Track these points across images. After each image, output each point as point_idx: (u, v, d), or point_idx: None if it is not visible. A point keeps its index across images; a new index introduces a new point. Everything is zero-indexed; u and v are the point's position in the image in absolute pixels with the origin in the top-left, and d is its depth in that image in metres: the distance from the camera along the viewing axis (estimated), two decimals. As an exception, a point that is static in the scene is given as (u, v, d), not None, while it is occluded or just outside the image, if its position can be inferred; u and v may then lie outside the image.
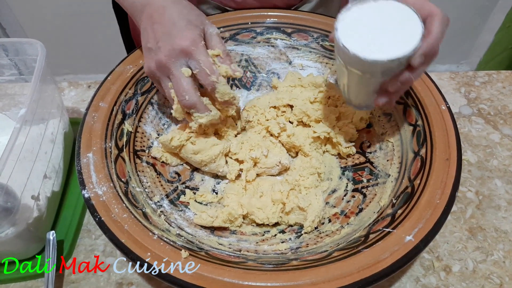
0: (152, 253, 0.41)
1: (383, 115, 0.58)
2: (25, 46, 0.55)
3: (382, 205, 0.48)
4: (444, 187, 0.45)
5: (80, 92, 0.73)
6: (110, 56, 1.37)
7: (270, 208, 0.50)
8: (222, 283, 0.39)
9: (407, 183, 0.48)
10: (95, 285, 0.51)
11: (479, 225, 0.56)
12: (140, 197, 0.48)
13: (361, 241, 0.43)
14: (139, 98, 0.58)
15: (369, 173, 0.55)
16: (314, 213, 0.49)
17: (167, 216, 0.49)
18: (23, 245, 0.49)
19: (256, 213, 0.50)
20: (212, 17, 0.67)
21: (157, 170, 0.55)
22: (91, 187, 0.45)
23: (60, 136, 0.57)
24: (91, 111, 0.52)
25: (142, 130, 0.57)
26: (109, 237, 0.42)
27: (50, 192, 0.53)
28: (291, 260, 0.42)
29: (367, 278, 0.38)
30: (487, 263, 0.52)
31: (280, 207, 0.51)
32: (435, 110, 0.52)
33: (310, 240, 0.48)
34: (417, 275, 0.51)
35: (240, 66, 0.67)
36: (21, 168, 0.46)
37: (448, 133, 0.50)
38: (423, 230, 0.42)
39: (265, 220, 0.50)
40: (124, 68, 0.58)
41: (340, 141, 0.56)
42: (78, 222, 0.55)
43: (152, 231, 0.43)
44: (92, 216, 0.43)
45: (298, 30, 0.66)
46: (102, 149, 0.49)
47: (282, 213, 0.51)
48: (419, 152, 0.50)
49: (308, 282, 0.39)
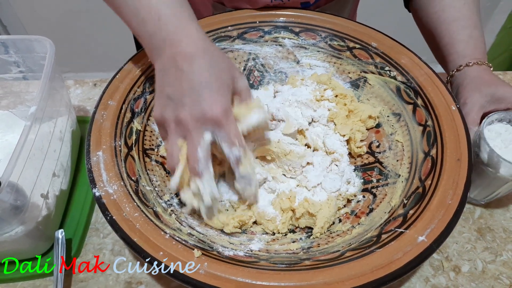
0: (164, 252, 0.40)
1: (392, 115, 0.58)
2: (34, 43, 0.54)
3: (393, 205, 0.48)
4: (456, 187, 0.45)
5: (86, 90, 0.73)
6: (113, 54, 1.36)
7: (280, 218, 0.50)
8: (235, 282, 0.39)
9: (418, 184, 0.48)
10: (103, 284, 0.50)
11: (488, 226, 0.56)
12: (150, 195, 0.48)
13: (373, 241, 0.43)
14: (147, 97, 0.57)
15: (378, 173, 0.55)
16: (323, 219, 0.49)
17: (178, 215, 0.48)
18: (32, 243, 0.49)
19: (265, 224, 0.50)
20: (219, 16, 0.67)
21: (166, 169, 0.55)
22: (101, 186, 0.45)
23: (68, 134, 0.57)
24: (100, 109, 0.52)
25: (151, 128, 0.57)
26: (121, 236, 0.41)
27: (58, 191, 0.53)
28: (304, 260, 0.42)
29: (381, 278, 0.38)
30: (496, 264, 0.52)
31: (290, 214, 0.50)
32: (445, 110, 0.52)
33: (321, 240, 0.48)
34: (427, 275, 0.51)
35: (247, 66, 0.67)
36: (31, 166, 0.46)
37: (459, 133, 0.50)
38: (436, 231, 0.41)
39: (275, 230, 0.50)
40: (132, 66, 0.57)
41: (357, 138, 0.56)
42: (86, 220, 0.55)
43: (163, 230, 0.43)
44: (103, 215, 0.43)
45: (306, 29, 0.66)
46: (111, 148, 0.49)
47: (292, 220, 0.51)
48: (429, 152, 0.50)
49: (322, 282, 0.38)
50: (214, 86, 0.42)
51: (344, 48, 0.64)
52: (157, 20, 0.44)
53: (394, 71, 0.59)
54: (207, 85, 0.42)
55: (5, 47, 0.56)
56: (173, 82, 0.43)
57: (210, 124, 0.42)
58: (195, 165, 0.43)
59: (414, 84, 0.57)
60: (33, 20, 1.65)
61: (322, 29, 0.65)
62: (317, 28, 0.66)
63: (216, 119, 0.42)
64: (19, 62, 0.58)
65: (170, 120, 0.44)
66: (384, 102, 0.60)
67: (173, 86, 0.43)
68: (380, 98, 0.60)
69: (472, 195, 0.57)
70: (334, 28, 0.65)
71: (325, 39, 0.65)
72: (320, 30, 0.66)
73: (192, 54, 0.43)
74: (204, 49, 0.44)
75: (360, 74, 0.63)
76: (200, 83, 0.42)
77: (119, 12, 0.48)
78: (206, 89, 0.42)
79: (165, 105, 0.44)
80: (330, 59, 0.65)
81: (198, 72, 0.42)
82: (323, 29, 0.65)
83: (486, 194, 0.55)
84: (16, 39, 0.55)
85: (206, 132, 0.43)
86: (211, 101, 0.42)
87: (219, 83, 0.43)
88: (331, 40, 0.65)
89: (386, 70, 0.60)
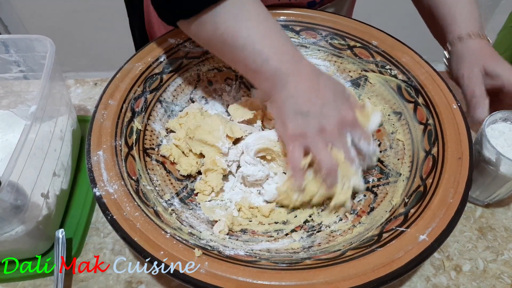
0: (165, 251, 0.40)
1: (393, 113, 0.58)
2: (34, 42, 0.54)
3: (394, 204, 0.48)
4: (457, 186, 0.45)
5: (87, 89, 0.73)
6: (113, 54, 1.36)
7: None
8: (236, 282, 0.38)
9: (419, 182, 0.48)
10: (104, 284, 0.50)
11: (489, 225, 0.56)
12: (151, 195, 0.48)
13: (374, 240, 0.42)
14: (147, 96, 0.57)
15: (379, 172, 0.55)
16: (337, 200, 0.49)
17: (178, 215, 0.48)
18: (32, 243, 0.49)
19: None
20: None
21: (166, 169, 0.55)
22: (102, 185, 0.45)
23: (68, 133, 0.57)
24: (101, 108, 0.52)
25: (151, 128, 0.57)
26: (121, 236, 0.41)
27: (59, 190, 0.53)
28: (305, 259, 0.42)
29: (382, 277, 0.38)
30: (498, 263, 0.52)
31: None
32: (446, 109, 0.52)
33: (322, 239, 0.48)
34: (428, 275, 0.51)
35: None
36: (31, 166, 0.46)
37: (460, 132, 0.49)
38: (437, 230, 0.41)
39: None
40: (132, 66, 0.57)
41: None
42: (87, 220, 0.55)
43: (164, 230, 0.42)
44: (104, 215, 0.43)
45: (306, 28, 0.66)
46: (112, 147, 0.49)
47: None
48: (430, 151, 0.50)
49: (323, 281, 0.38)
50: (343, 98, 0.50)
51: (345, 47, 0.64)
52: (280, 55, 0.49)
53: (395, 69, 0.59)
54: (338, 98, 0.49)
55: (5, 46, 0.56)
56: (310, 100, 0.48)
57: (348, 126, 0.49)
58: (351, 163, 0.49)
59: (415, 82, 0.56)
60: (33, 20, 1.65)
61: (323, 27, 0.65)
62: (317, 26, 0.65)
63: (354, 121, 0.49)
64: (20, 61, 0.58)
65: (312, 132, 0.48)
66: (385, 100, 0.60)
67: (310, 104, 0.48)
68: (381, 96, 0.60)
69: (474, 195, 0.57)
70: (334, 27, 0.65)
71: (325, 37, 0.65)
72: (321, 28, 0.65)
73: (316, 74, 0.50)
74: (320, 72, 0.51)
75: (360, 73, 0.63)
76: (332, 96, 0.49)
77: (234, 57, 0.51)
78: (339, 100, 0.49)
79: (304, 121, 0.48)
80: (331, 58, 0.65)
81: (326, 86, 0.49)
82: (324, 28, 0.65)
83: (488, 194, 0.55)
84: (17, 38, 0.55)
85: (347, 134, 0.49)
86: (346, 108, 0.49)
87: (345, 96, 0.51)
88: (331, 39, 0.65)
89: (387, 69, 0.60)
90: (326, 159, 0.47)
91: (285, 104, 0.49)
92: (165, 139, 0.58)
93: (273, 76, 0.49)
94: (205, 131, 0.54)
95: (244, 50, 0.49)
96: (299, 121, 0.48)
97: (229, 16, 0.48)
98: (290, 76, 0.49)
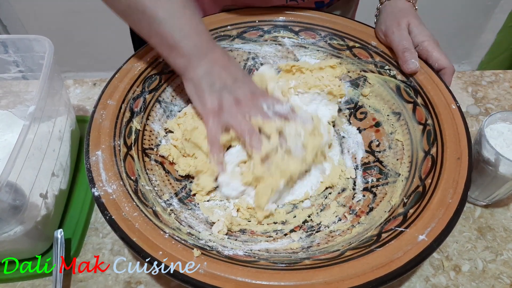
0: (164, 251, 0.40)
1: (392, 114, 0.58)
2: (33, 42, 0.54)
3: (393, 204, 0.48)
4: (456, 186, 0.45)
5: (86, 89, 0.73)
6: (112, 54, 1.36)
7: None
8: (234, 282, 0.38)
9: (418, 182, 0.48)
10: (103, 284, 0.50)
11: (488, 225, 0.56)
12: (149, 195, 0.48)
13: (373, 240, 0.42)
14: (146, 96, 0.57)
15: (378, 172, 0.55)
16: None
17: (177, 215, 0.48)
18: (31, 243, 0.49)
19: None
20: (219, 15, 0.66)
21: (165, 169, 0.55)
22: (100, 185, 0.45)
23: (67, 133, 0.57)
24: (99, 108, 0.52)
25: (150, 128, 0.57)
26: (120, 236, 0.41)
27: (57, 190, 0.53)
28: (304, 259, 0.42)
29: (381, 278, 0.38)
30: (497, 263, 0.52)
31: None
32: (445, 109, 0.52)
33: (321, 239, 0.48)
34: (427, 275, 0.51)
35: (247, 65, 0.67)
36: (30, 166, 0.46)
37: (459, 132, 0.49)
38: (436, 230, 0.41)
39: None
40: (131, 66, 0.57)
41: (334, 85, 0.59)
42: (86, 220, 0.55)
43: (163, 230, 0.42)
44: (102, 215, 0.43)
45: (305, 28, 0.66)
46: (111, 147, 0.49)
47: None
48: (429, 151, 0.50)
49: (322, 281, 0.38)
50: (248, 76, 0.58)
51: (344, 47, 0.64)
52: (197, 34, 0.53)
53: (394, 70, 0.59)
54: (245, 76, 0.56)
55: (4, 46, 0.56)
56: (224, 76, 0.53)
57: (261, 96, 0.54)
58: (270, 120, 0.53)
59: (414, 83, 0.56)
60: (32, 20, 1.65)
61: (322, 28, 0.65)
62: (316, 27, 0.65)
63: (263, 93, 0.56)
64: (18, 61, 0.58)
65: (229, 103, 0.52)
66: (384, 101, 0.60)
67: (225, 79, 0.53)
68: (380, 97, 0.60)
69: (473, 196, 0.57)
70: (333, 27, 0.65)
71: (324, 38, 0.65)
72: (320, 29, 0.65)
73: (225, 53, 0.56)
74: (225, 50, 0.57)
75: (360, 73, 0.63)
76: (241, 74, 0.55)
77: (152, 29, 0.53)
78: (246, 77, 0.56)
79: (220, 95, 0.53)
80: (330, 58, 0.65)
81: (236, 66, 0.56)
82: (323, 28, 0.65)
83: (487, 194, 0.55)
84: (15, 38, 0.55)
85: (262, 104, 0.53)
86: (253, 82, 0.56)
87: (249, 76, 0.59)
88: (330, 39, 0.65)
89: (386, 69, 0.60)
90: (245, 127, 0.51)
91: (201, 81, 0.53)
92: (164, 139, 0.58)
93: (189, 53, 0.52)
94: (201, 135, 0.54)
95: (164, 23, 0.51)
96: (216, 95, 0.53)
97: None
98: (208, 54, 0.53)
